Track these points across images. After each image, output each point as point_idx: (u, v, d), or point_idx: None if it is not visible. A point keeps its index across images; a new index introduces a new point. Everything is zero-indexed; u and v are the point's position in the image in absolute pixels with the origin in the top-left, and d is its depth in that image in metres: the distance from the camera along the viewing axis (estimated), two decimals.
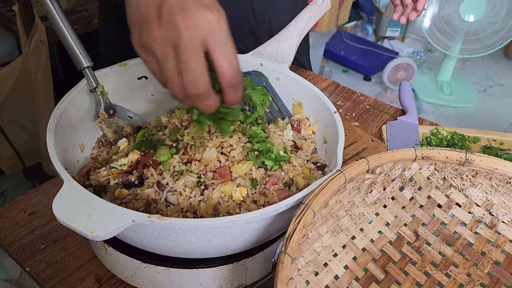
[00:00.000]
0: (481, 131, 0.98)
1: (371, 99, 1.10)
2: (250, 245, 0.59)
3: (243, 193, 0.61)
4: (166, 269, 0.60)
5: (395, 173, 0.63)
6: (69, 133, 0.67)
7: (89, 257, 0.69)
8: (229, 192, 0.60)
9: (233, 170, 0.62)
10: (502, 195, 0.61)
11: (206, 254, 0.59)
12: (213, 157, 0.63)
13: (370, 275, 0.59)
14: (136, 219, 0.50)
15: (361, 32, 3.49)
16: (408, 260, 0.61)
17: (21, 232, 0.72)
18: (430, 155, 0.61)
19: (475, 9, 2.42)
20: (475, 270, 0.59)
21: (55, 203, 0.50)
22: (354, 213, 0.62)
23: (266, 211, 0.53)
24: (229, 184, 0.61)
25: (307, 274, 0.54)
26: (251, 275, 0.65)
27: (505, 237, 0.61)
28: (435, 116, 2.79)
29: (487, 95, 3.05)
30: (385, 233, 0.63)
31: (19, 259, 0.68)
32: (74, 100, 0.69)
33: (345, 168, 0.57)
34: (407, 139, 0.95)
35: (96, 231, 0.48)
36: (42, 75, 1.65)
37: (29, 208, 0.76)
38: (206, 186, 0.61)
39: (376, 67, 3.04)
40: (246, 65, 0.82)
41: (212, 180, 0.61)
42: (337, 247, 0.60)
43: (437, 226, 0.63)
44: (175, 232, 0.52)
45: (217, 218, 0.51)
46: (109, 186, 0.64)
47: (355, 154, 0.93)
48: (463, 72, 3.26)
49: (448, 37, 2.55)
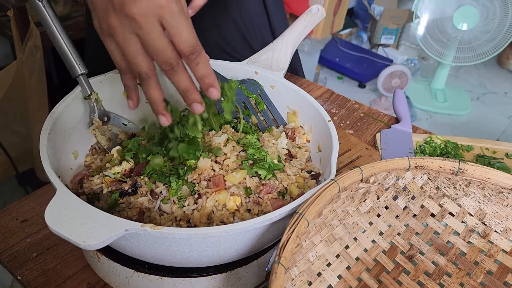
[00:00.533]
0: (474, 139, 0.98)
1: (366, 107, 1.11)
2: (244, 254, 0.59)
3: (237, 202, 0.61)
4: (159, 278, 0.60)
5: (388, 182, 0.63)
6: (62, 140, 0.67)
7: (81, 265, 0.68)
8: (223, 201, 0.60)
9: (227, 179, 0.62)
10: (495, 204, 0.62)
11: (200, 263, 0.59)
12: (207, 166, 0.62)
13: (364, 284, 0.59)
14: (129, 228, 0.49)
15: (355, 40, 3.51)
16: (402, 269, 0.61)
17: (13, 240, 0.71)
18: (424, 164, 0.61)
19: (468, 18, 2.45)
20: (468, 280, 0.59)
21: (47, 211, 0.50)
22: (348, 222, 0.62)
23: (259, 220, 0.52)
24: (223, 192, 0.61)
25: (301, 284, 0.54)
26: (244, 284, 0.64)
27: (498, 247, 0.61)
28: (429, 123, 2.80)
29: (481, 102, 3.08)
30: (378, 242, 0.63)
31: (11, 267, 0.67)
32: (68, 106, 0.68)
33: (339, 178, 0.57)
34: (401, 147, 0.95)
35: (88, 241, 0.47)
36: (36, 81, 1.64)
37: (21, 216, 0.75)
38: (200, 195, 0.60)
39: (371, 74, 3.06)
40: (241, 73, 0.82)
41: (206, 189, 0.61)
42: (330, 256, 0.59)
43: (431, 235, 0.64)
44: (169, 241, 0.52)
45: (210, 228, 0.51)
46: (102, 194, 0.63)
47: (349, 162, 0.93)
48: (457, 80, 3.28)
49: (441, 45, 2.57)
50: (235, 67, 0.83)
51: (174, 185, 0.60)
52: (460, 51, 2.56)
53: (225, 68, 0.82)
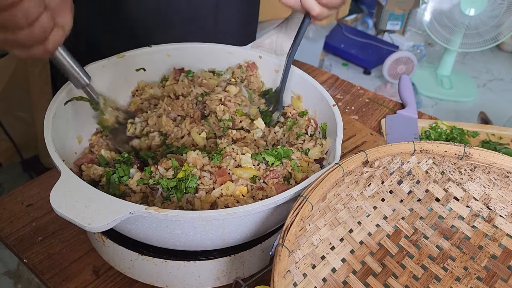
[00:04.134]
0: (480, 125, 0.98)
1: (371, 93, 1.10)
2: (248, 237, 0.59)
3: (244, 191, 0.60)
4: (163, 261, 0.60)
5: (393, 166, 0.62)
6: (66, 124, 0.67)
7: (86, 249, 0.69)
8: (230, 192, 0.60)
9: (234, 172, 0.61)
10: (500, 189, 0.61)
11: (204, 247, 0.59)
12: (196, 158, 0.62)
13: (368, 268, 0.59)
14: (134, 211, 0.49)
15: (361, 26, 3.47)
16: (406, 253, 0.61)
17: (18, 224, 0.72)
18: (429, 148, 0.61)
19: (475, 3, 2.40)
20: (472, 264, 0.59)
21: (52, 194, 0.50)
22: (352, 206, 0.62)
23: (264, 203, 0.52)
24: (229, 184, 0.60)
25: (305, 267, 0.54)
26: (248, 268, 0.65)
27: (502, 231, 0.61)
28: (435, 110, 2.78)
29: (487, 89, 3.05)
30: (382, 227, 0.63)
31: (17, 250, 0.68)
32: (72, 91, 0.68)
33: (343, 162, 0.56)
34: (406, 133, 0.94)
35: (93, 223, 0.48)
36: (39, 67, 1.64)
37: (26, 200, 0.76)
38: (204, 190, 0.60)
39: (376, 61, 3.02)
40: (244, 57, 0.81)
41: (209, 183, 0.60)
42: (334, 240, 0.59)
43: (435, 219, 0.63)
44: (173, 224, 0.52)
45: (215, 210, 0.51)
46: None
47: (354, 147, 0.93)
48: (463, 66, 3.25)
49: (448, 31, 2.54)
50: (239, 51, 0.82)
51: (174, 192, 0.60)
52: (467, 37, 2.52)
53: (229, 52, 0.82)
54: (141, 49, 0.78)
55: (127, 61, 0.76)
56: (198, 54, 0.82)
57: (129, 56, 0.76)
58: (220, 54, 0.83)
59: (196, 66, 0.83)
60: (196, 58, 0.82)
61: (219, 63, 0.84)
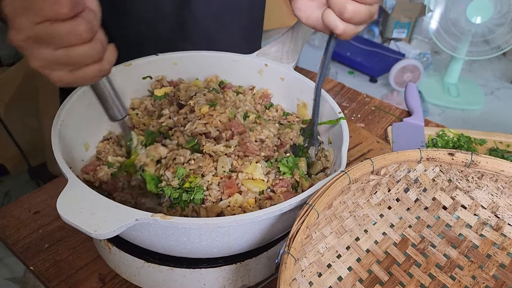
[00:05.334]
0: (488, 133, 0.97)
1: (377, 101, 1.10)
2: (253, 245, 0.59)
3: (251, 203, 0.60)
4: (169, 269, 0.60)
5: (400, 174, 0.62)
6: (73, 132, 0.67)
7: (93, 256, 0.69)
8: (238, 204, 0.60)
9: (244, 184, 0.61)
10: (508, 197, 0.61)
11: (210, 254, 0.59)
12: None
13: (374, 276, 0.59)
14: (140, 218, 0.49)
15: (367, 34, 3.47)
16: (413, 262, 0.61)
17: (25, 231, 0.72)
18: (436, 156, 0.60)
19: (482, 11, 2.40)
20: (480, 273, 0.59)
21: (59, 201, 0.50)
22: (358, 214, 0.62)
23: (269, 211, 0.52)
24: (237, 196, 0.60)
25: (311, 275, 0.54)
26: (254, 276, 0.64)
27: (510, 240, 0.60)
28: (442, 118, 2.77)
29: (495, 97, 3.03)
30: (389, 235, 0.63)
31: (23, 257, 0.68)
32: (79, 99, 0.69)
33: (349, 169, 0.56)
34: (412, 140, 0.94)
35: (99, 230, 0.48)
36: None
37: (33, 207, 0.76)
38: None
39: (382, 69, 3.02)
40: (250, 65, 0.82)
41: (217, 194, 0.60)
42: (341, 248, 0.59)
43: (442, 228, 0.63)
44: (179, 231, 0.52)
45: (220, 218, 0.51)
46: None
47: (360, 155, 0.92)
48: (470, 74, 3.23)
49: (455, 39, 2.53)
50: (245, 59, 0.82)
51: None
52: (474, 45, 2.52)
53: (234, 60, 0.82)
54: (147, 58, 0.79)
55: (134, 69, 0.77)
56: (204, 62, 0.83)
57: (135, 65, 0.77)
58: (225, 62, 0.83)
59: (202, 74, 0.83)
60: (202, 66, 0.83)
61: (224, 71, 0.84)
